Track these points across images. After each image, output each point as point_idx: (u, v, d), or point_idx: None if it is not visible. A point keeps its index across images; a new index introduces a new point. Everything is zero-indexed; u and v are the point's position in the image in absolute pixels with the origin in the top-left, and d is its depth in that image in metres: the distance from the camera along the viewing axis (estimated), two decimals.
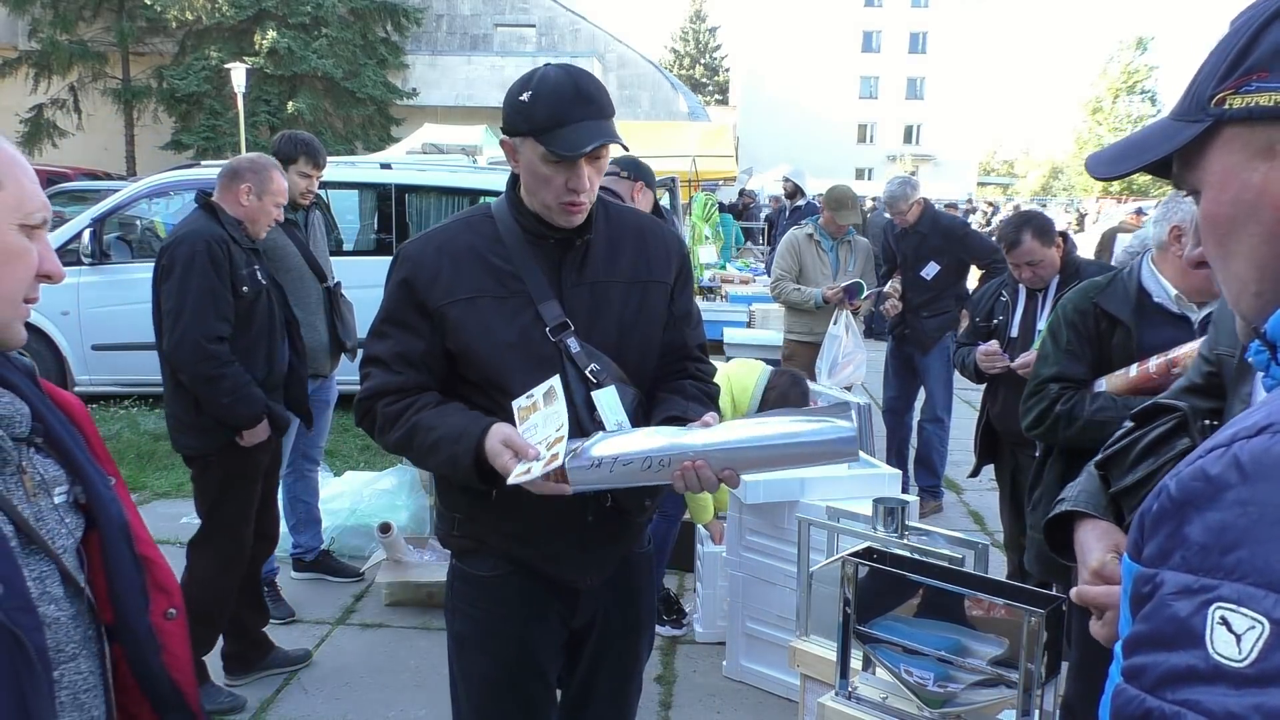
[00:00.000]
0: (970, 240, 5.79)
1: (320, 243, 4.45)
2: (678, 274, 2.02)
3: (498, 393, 1.85)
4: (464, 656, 2.02)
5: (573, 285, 1.89)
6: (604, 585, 2.01)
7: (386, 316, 1.91)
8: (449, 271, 1.85)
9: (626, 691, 2.17)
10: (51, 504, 1.29)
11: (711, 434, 1.71)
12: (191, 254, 3.30)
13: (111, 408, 7.49)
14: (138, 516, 1.42)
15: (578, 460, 1.67)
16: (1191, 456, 0.79)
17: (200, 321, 3.28)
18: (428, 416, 1.83)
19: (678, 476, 1.70)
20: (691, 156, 12.82)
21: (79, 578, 1.30)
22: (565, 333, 1.84)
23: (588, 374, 1.83)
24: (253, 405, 3.35)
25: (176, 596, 1.43)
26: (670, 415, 1.86)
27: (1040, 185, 72.31)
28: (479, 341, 1.84)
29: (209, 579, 3.41)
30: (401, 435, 1.85)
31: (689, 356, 2.04)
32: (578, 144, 1.74)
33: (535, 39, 29.72)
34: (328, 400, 4.47)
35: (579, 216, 1.85)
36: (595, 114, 1.77)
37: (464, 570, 1.99)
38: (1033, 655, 2.12)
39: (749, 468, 1.77)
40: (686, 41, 63.88)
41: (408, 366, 1.87)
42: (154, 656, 1.37)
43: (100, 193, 11.28)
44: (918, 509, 4.19)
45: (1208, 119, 0.90)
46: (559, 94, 1.75)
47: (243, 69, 19.87)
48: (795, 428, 1.75)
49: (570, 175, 1.78)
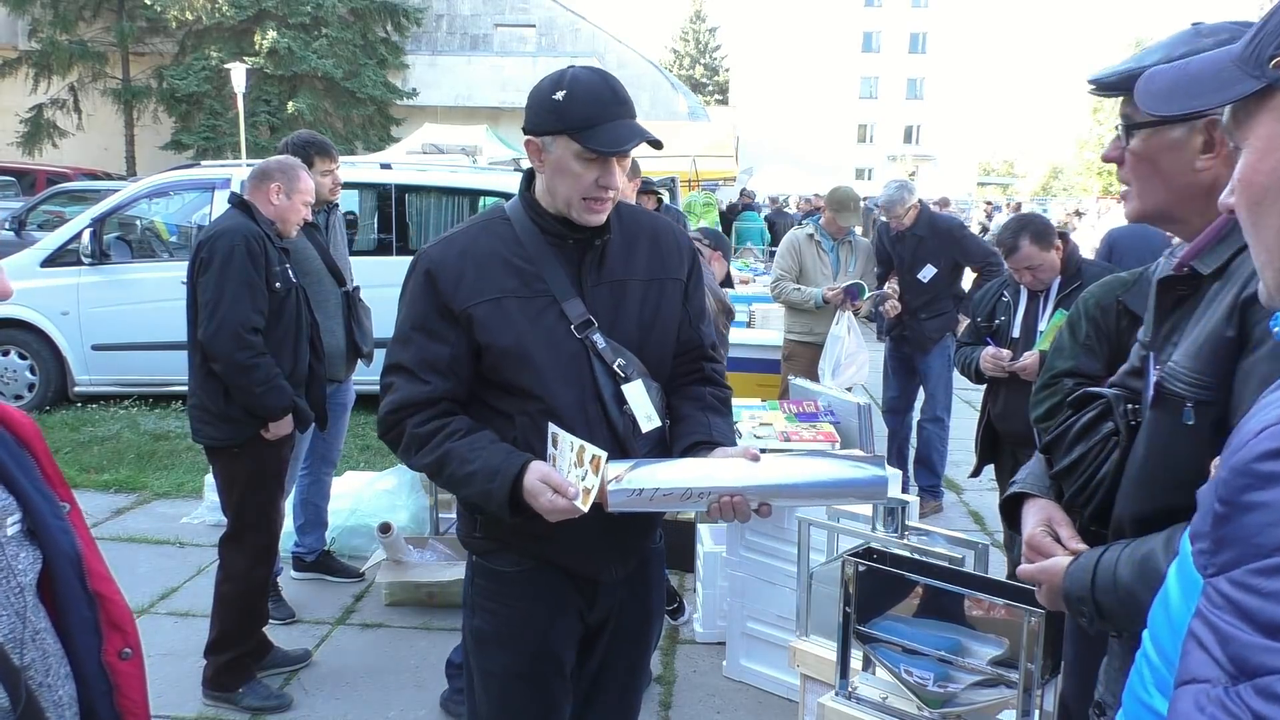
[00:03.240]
0: (966, 243, 5.80)
1: (340, 245, 4.46)
2: (690, 271, 2.05)
3: (523, 395, 1.87)
4: (484, 652, 2.03)
5: (594, 284, 1.92)
6: (622, 580, 2.03)
7: (411, 323, 1.91)
8: (473, 274, 1.88)
9: (636, 683, 2.21)
10: (5, 535, 1.19)
11: (752, 470, 1.78)
12: (230, 248, 3.37)
13: (111, 408, 7.48)
14: (93, 549, 1.33)
15: (619, 486, 1.73)
16: (1237, 445, 0.78)
17: (237, 311, 3.34)
18: (460, 447, 1.84)
19: (715, 509, 1.77)
20: (691, 156, 12.83)
21: (36, 618, 1.22)
22: (590, 329, 1.87)
23: (615, 368, 1.87)
24: (282, 397, 3.43)
25: (132, 635, 1.35)
26: (699, 440, 1.92)
27: (1040, 185, 72.30)
28: (507, 340, 1.85)
29: (243, 573, 3.50)
30: (432, 462, 1.87)
31: (705, 356, 2.08)
32: (618, 141, 1.81)
33: (535, 39, 29.72)
34: (345, 404, 4.50)
35: (602, 215, 1.88)
36: (628, 114, 1.85)
37: (485, 566, 2.01)
38: (1033, 655, 2.12)
39: (782, 503, 1.88)
40: (686, 41, 63.86)
41: (434, 373, 1.88)
42: (103, 699, 1.30)
43: (100, 193, 11.28)
44: (918, 509, 4.19)
45: (1264, 79, 0.86)
46: (595, 93, 1.82)
47: (243, 69, 19.87)
48: (833, 471, 1.85)
49: (603, 172, 1.83)
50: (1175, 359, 1.35)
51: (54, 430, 6.79)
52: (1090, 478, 1.48)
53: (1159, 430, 1.37)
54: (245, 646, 3.51)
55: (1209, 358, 1.29)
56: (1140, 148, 1.43)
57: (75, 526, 1.31)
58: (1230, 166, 1.35)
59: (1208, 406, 1.29)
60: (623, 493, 1.73)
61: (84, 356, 7.37)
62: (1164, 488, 1.36)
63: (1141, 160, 1.43)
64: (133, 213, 7.82)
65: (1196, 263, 1.39)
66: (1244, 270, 1.30)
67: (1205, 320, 1.33)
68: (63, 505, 1.30)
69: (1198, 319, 1.35)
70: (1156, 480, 1.37)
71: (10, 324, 7.32)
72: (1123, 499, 1.43)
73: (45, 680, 1.22)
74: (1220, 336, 1.28)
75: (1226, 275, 1.34)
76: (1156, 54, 1.39)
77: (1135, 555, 1.33)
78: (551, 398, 1.85)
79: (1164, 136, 1.39)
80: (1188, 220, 1.43)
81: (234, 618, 3.49)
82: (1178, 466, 1.33)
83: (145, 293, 7.22)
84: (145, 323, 7.15)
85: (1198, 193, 1.39)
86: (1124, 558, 1.35)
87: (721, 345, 3.98)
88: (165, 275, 7.04)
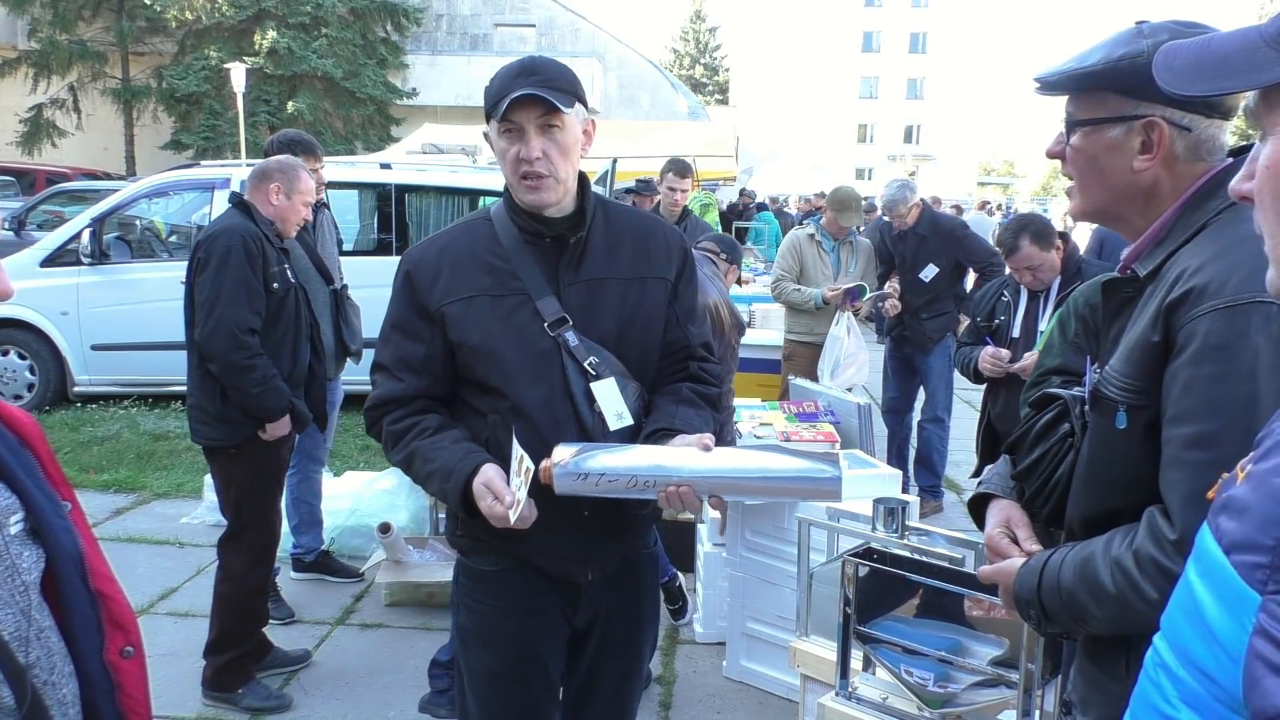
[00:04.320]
0: (969, 243, 5.79)
1: (328, 244, 4.48)
2: (679, 271, 2.03)
3: (494, 393, 1.89)
4: (467, 651, 2.05)
5: (570, 283, 1.91)
6: (606, 583, 2.01)
7: (391, 322, 1.97)
8: (448, 274, 1.90)
9: (628, 690, 2.17)
10: (8, 534, 1.19)
11: (701, 459, 1.74)
12: (228, 248, 3.37)
13: (111, 408, 7.48)
14: (95, 548, 1.33)
15: (565, 469, 1.71)
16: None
17: (234, 311, 3.34)
18: (425, 446, 1.88)
19: (663, 497, 1.75)
20: (691, 156, 12.81)
21: (40, 616, 1.22)
22: (563, 327, 1.87)
23: (586, 366, 1.87)
24: (279, 398, 3.43)
25: (134, 634, 1.35)
26: (659, 428, 1.89)
27: (1040, 185, 72.27)
28: (476, 338, 1.87)
29: (242, 573, 3.50)
30: (402, 459, 1.93)
31: (692, 355, 2.05)
32: (505, 103, 1.80)
33: (535, 39, 29.70)
34: (334, 402, 4.49)
35: (544, 194, 1.87)
36: (537, 83, 1.81)
37: (467, 565, 2.03)
38: (1033, 655, 2.12)
39: (732, 495, 1.84)
40: (686, 41, 63.84)
41: (408, 372, 1.93)
42: (105, 697, 1.30)
43: (100, 193, 11.28)
44: (918, 509, 4.19)
45: None
46: (507, 71, 1.85)
47: (242, 69, 19.87)
48: (784, 464, 1.79)
49: (522, 146, 1.83)
50: (1111, 364, 1.36)
51: (54, 430, 6.79)
52: (1048, 479, 1.49)
53: (1098, 434, 1.38)
54: (245, 647, 3.51)
55: (1138, 363, 1.30)
56: (1080, 145, 1.43)
57: (77, 525, 1.30)
58: (1169, 170, 1.36)
59: (1139, 411, 1.30)
60: (568, 476, 1.71)
61: (84, 356, 7.37)
62: (1105, 489, 1.37)
63: (1081, 158, 1.44)
64: (132, 213, 7.83)
65: (1137, 265, 1.40)
66: (1171, 273, 1.30)
67: (1136, 325, 1.34)
68: (65, 504, 1.29)
69: (1133, 323, 1.36)
70: (1099, 482, 1.38)
71: (10, 324, 7.32)
72: (1072, 500, 1.44)
73: (49, 678, 1.22)
74: (1148, 341, 1.29)
75: (1158, 278, 1.34)
76: (1098, 54, 1.39)
77: (1077, 559, 1.34)
78: (517, 395, 1.86)
79: (1103, 136, 1.40)
80: (1129, 219, 1.44)
81: (234, 618, 3.49)
82: (1116, 469, 1.34)
83: (145, 293, 7.22)
84: (145, 323, 7.15)
85: (1136, 193, 1.40)
86: (1068, 561, 1.36)
87: (731, 359, 3.98)
88: (165, 275, 7.02)
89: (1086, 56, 1.41)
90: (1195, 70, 0.95)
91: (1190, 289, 1.25)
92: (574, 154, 1.89)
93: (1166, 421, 1.26)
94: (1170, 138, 1.35)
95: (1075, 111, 1.43)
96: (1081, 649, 1.47)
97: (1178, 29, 1.33)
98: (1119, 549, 1.28)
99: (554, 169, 1.85)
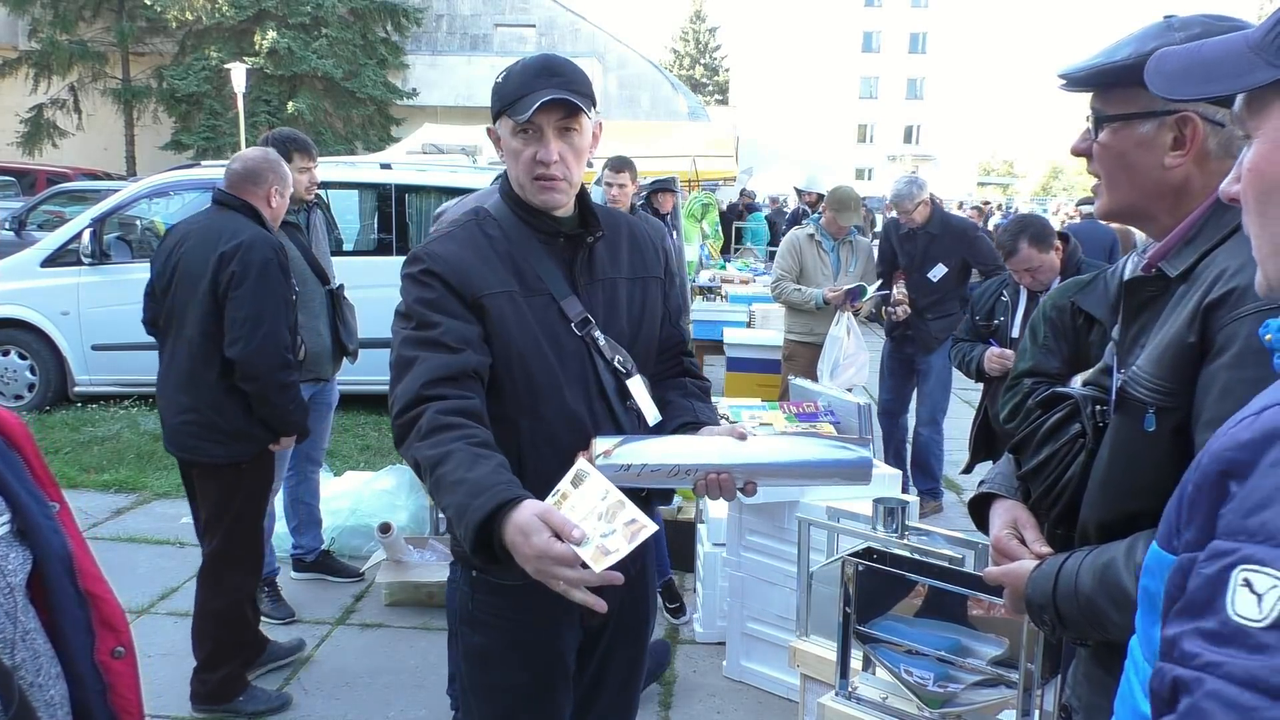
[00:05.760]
0: (978, 245, 5.67)
1: (322, 244, 4.43)
2: (666, 268, 2.07)
3: (535, 393, 1.82)
4: (489, 670, 1.95)
5: (586, 283, 1.91)
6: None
7: (428, 306, 1.77)
8: (478, 266, 1.82)
9: (636, 677, 2.18)
10: None
11: (740, 449, 1.77)
12: (265, 261, 3.27)
13: (111, 408, 7.48)
14: (84, 548, 1.32)
15: (608, 461, 1.71)
16: (1220, 431, 0.77)
17: (280, 329, 3.28)
18: (469, 454, 1.63)
19: (701, 485, 1.75)
20: (691, 157, 12.82)
21: (26, 618, 1.21)
22: (590, 327, 1.87)
23: (615, 365, 1.87)
24: (305, 411, 3.43)
25: (125, 634, 1.34)
26: (686, 421, 1.93)
27: (1040, 185, 72.30)
28: (515, 335, 1.80)
29: (237, 587, 3.45)
30: (433, 454, 1.65)
31: (684, 351, 2.11)
32: (532, 105, 1.75)
33: (535, 39, 29.71)
34: (330, 403, 4.47)
35: (556, 195, 1.84)
36: (560, 85, 1.78)
37: (489, 581, 1.90)
38: (1032, 655, 2.12)
39: (769, 481, 1.85)
40: (686, 41, 63.87)
41: (466, 345, 1.75)
42: (97, 698, 1.30)
43: (100, 193, 11.27)
44: (918, 509, 4.19)
45: None
46: (526, 68, 1.81)
47: (243, 69, 19.89)
48: (818, 451, 1.85)
49: (537, 146, 1.80)
50: (1139, 364, 1.32)
51: (54, 430, 6.79)
52: (1056, 480, 1.45)
53: (1121, 435, 1.34)
54: (242, 655, 3.47)
55: (1171, 364, 1.27)
56: (1109, 142, 1.39)
57: (65, 526, 1.30)
58: (1201, 167, 1.33)
59: (1169, 413, 1.26)
60: (611, 468, 1.70)
61: (84, 356, 7.36)
62: (1127, 493, 1.33)
63: (1110, 155, 1.40)
64: (133, 213, 7.82)
65: (1164, 264, 1.36)
66: (1209, 274, 1.27)
67: (1169, 325, 1.30)
68: (52, 505, 1.28)
69: (1163, 323, 1.33)
70: (1119, 486, 1.34)
71: (10, 324, 7.32)
72: (1087, 503, 1.40)
73: (36, 680, 1.21)
74: (1183, 342, 1.26)
75: (1192, 279, 1.31)
76: (1128, 48, 1.35)
77: (1096, 563, 1.31)
78: (558, 395, 1.83)
79: (1133, 132, 1.36)
80: (1156, 218, 1.40)
81: (229, 630, 3.42)
82: (1140, 473, 1.31)
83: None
84: None
85: (1166, 190, 1.36)
86: (1085, 565, 1.32)
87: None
88: None
89: (1115, 51, 1.37)
90: (1184, 75, 0.96)
91: (1232, 289, 1.21)
92: (585, 157, 1.88)
93: (1202, 425, 1.22)
94: (1204, 133, 1.32)
95: (1103, 107, 1.39)
96: (1090, 654, 1.45)
97: (1208, 22, 1.30)
98: (1144, 554, 1.26)
99: (568, 172, 1.83)
